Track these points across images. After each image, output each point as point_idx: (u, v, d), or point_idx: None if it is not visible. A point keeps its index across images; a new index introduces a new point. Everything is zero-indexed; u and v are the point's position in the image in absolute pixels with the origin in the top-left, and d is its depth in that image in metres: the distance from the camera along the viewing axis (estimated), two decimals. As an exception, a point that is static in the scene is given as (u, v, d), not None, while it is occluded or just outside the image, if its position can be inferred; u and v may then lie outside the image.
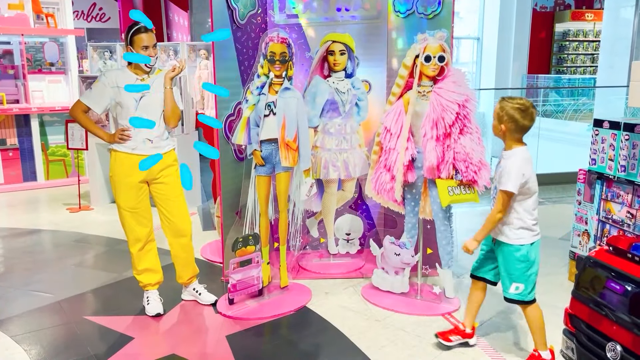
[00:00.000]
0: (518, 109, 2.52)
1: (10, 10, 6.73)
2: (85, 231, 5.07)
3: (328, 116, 3.80)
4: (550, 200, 6.24)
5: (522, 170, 2.50)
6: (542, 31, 12.70)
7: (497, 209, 2.58)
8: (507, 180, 2.50)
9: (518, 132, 2.56)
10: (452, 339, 2.91)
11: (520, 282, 2.62)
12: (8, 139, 6.63)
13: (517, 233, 2.60)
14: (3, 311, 3.37)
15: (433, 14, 3.68)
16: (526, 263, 2.60)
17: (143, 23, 3.04)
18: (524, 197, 2.58)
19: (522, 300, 2.66)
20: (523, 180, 2.51)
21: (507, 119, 2.54)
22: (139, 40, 3.05)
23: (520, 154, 2.55)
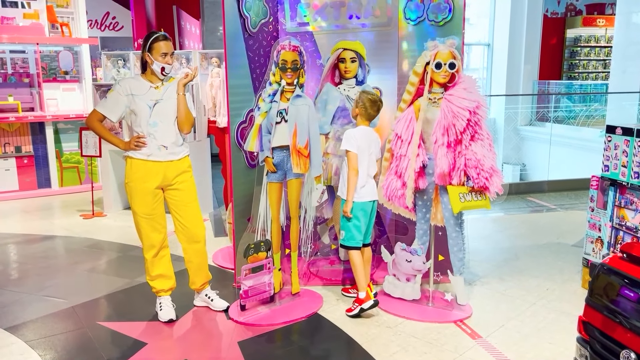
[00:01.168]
0: (370, 100, 3.31)
1: (25, 20, 6.84)
2: (98, 237, 5.12)
3: (339, 123, 3.81)
4: (563, 207, 6.19)
5: (356, 137, 3.28)
6: (553, 37, 12.64)
7: (349, 167, 3.29)
8: (344, 142, 3.29)
9: (365, 117, 3.35)
10: (352, 308, 3.36)
11: (343, 230, 3.37)
12: (23, 147, 6.73)
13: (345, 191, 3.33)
14: (18, 316, 3.41)
15: (444, 21, 3.69)
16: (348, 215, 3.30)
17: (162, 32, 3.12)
18: None
19: (344, 245, 3.40)
20: (355, 144, 3.26)
21: (360, 105, 3.32)
22: (158, 47, 3.10)
23: (361, 129, 3.35)
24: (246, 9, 3.55)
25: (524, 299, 3.62)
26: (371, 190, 3.38)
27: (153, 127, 3.15)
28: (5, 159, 6.62)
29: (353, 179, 3.27)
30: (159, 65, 3.12)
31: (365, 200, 3.34)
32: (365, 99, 3.32)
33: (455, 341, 3.05)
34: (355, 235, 3.35)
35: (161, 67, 3.13)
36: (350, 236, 3.35)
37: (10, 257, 4.67)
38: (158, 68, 3.13)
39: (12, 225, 5.54)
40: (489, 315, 3.37)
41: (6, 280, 4.07)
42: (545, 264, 4.27)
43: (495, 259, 4.42)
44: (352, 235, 3.35)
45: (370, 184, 3.37)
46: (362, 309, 3.29)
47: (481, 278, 3.98)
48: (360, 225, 3.34)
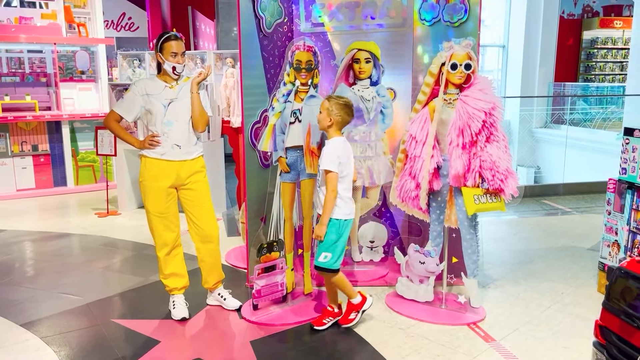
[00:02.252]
0: (346, 105, 3.03)
1: (43, 20, 6.93)
2: (112, 235, 5.16)
3: (353, 123, 3.80)
4: (579, 210, 6.12)
5: (337, 153, 2.99)
6: (569, 38, 12.51)
7: (329, 188, 3.00)
8: (326, 161, 2.98)
9: (341, 126, 3.08)
10: (325, 322, 3.21)
11: (329, 252, 3.05)
12: (40, 145, 6.81)
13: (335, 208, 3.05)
14: (34, 313, 3.45)
15: (459, 22, 3.67)
16: (337, 234, 3.05)
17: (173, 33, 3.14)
18: (340, 178, 3.02)
19: (328, 268, 3.07)
20: (337, 162, 2.98)
21: (335, 114, 3.00)
22: (168, 47, 3.12)
23: (338, 142, 3.05)
24: (261, 9, 3.56)
25: (539, 302, 3.58)
26: (354, 207, 3.17)
27: (167, 127, 3.17)
28: (22, 157, 6.71)
29: (331, 202, 3.00)
30: (170, 65, 3.15)
31: (352, 218, 3.14)
32: (337, 106, 3.00)
33: (468, 344, 3.03)
34: (341, 256, 3.10)
35: (172, 67, 3.15)
36: (337, 256, 3.08)
37: (27, 254, 4.72)
38: (169, 67, 3.15)
39: (29, 223, 5.61)
40: (503, 319, 3.34)
41: (22, 277, 4.12)
42: (560, 268, 4.23)
43: (509, 262, 4.38)
44: (339, 257, 3.09)
45: (352, 199, 3.14)
46: (363, 311, 3.22)
47: (495, 281, 3.95)
48: (344, 245, 3.12)
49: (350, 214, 3.10)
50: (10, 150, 6.63)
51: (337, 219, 3.06)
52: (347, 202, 3.09)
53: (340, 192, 3.03)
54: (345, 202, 3.07)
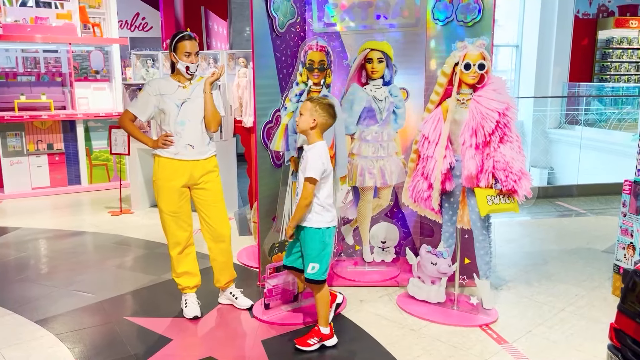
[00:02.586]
0: (324, 106, 2.82)
1: (58, 20, 7.01)
2: (125, 234, 5.20)
3: (365, 124, 3.80)
4: (593, 212, 6.06)
5: (322, 160, 2.80)
6: (584, 38, 12.38)
7: (303, 196, 2.82)
8: (311, 168, 2.78)
9: (325, 127, 2.86)
10: (311, 343, 2.97)
11: (316, 262, 2.86)
12: (55, 144, 6.89)
13: (313, 216, 2.86)
14: (48, 310, 3.49)
15: (473, 22, 3.65)
16: (322, 243, 2.87)
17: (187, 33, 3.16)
18: (323, 185, 2.85)
19: (317, 280, 2.88)
20: (323, 169, 2.79)
21: (319, 115, 2.81)
22: (182, 47, 3.14)
23: (321, 147, 2.85)
24: (274, 9, 3.57)
25: (552, 304, 3.55)
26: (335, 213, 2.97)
27: (180, 126, 3.19)
28: (37, 155, 6.79)
29: (303, 210, 2.82)
30: (183, 65, 3.16)
31: (335, 225, 2.97)
32: (321, 107, 2.81)
33: (480, 346, 3.01)
34: (327, 266, 2.93)
35: (185, 67, 3.17)
36: (325, 267, 2.90)
37: (41, 251, 4.78)
38: (182, 67, 3.17)
39: (44, 221, 5.68)
40: (516, 321, 3.32)
41: (37, 274, 4.17)
42: (574, 270, 4.18)
43: (522, 263, 4.35)
44: (326, 265, 2.91)
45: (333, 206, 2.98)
46: (323, 345, 2.97)
47: (508, 282, 3.92)
48: (330, 254, 2.96)
49: (332, 222, 2.92)
50: (26, 149, 6.71)
51: (318, 228, 2.87)
52: (329, 210, 2.90)
53: (322, 199, 2.86)
54: (327, 210, 2.89)
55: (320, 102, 2.83)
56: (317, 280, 2.90)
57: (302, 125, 2.86)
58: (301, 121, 2.85)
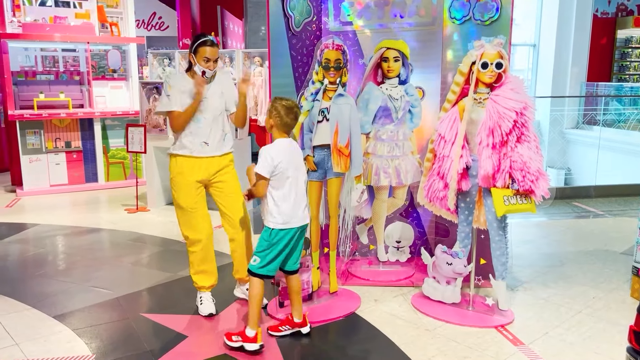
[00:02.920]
0: (284, 107, 2.85)
1: (77, 19, 7.09)
2: (141, 231, 5.25)
3: (380, 123, 3.79)
4: (611, 213, 5.98)
5: (272, 157, 2.81)
6: (603, 37, 12.21)
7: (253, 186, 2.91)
8: (258, 165, 2.83)
9: (282, 128, 2.89)
10: (282, 329, 3.08)
11: (258, 256, 2.92)
12: (73, 142, 6.98)
13: (267, 216, 2.92)
14: (66, 305, 3.54)
15: (490, 20, 3.62)
16: (267, 242, 2.90)
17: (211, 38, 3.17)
18: (275, 187, 2.88)
19: (253, 272, 2.93)
20: (270, 167, 2.82)
21: (275, 114, 2.87)
22: (202, 52, 3.15)
23: (278, 144, 2.88)
24: (290, 8, 3.57)
25: (569, 306, 3.51)
26: (301, 215, 2.95)
27: (196, 124, 3.21)
28: (56, 153, 6.88)
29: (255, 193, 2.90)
30: (200, 69, 3.18)
31: (293, 227, 2.92)
32: (279, 106, 2.86)
33: (496, 347, 2.98)
34: (270, 266, 2.92)
35: (202, 71, 3.19)
36: (264, 264, 2.91)
37: (59, 248, 4.84)
38: (199, 71, 3.19)
39: (62, 218, 5.75)
40: (532, 322, 3.28)
41: (55, 270, 4.22)
42: (592, 272, 4.13)
43: (538, 264, 4.30)
44: (266, 263, 2.91)
45: (300, 207, 2.94)
46: (242, 347, 2.90)
47: (524, 284, 3.88)
48: (280, 254, 2.94)
49: (285, 224, 2.87)
50: (45, 146, 6.81)
51: (268, 228, 2.90)
52: (282, 212, 2.86)
53: (275, 199, 2.86)
54: (280, 212, 2.86)
55: (280, 103, 2.88)
56: (254, 273, 2.93)
57: (265, 123, 2.98)
58: (265, 120, 2.97)
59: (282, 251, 2.94)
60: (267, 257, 2.92)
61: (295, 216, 2.92)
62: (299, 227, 2.97)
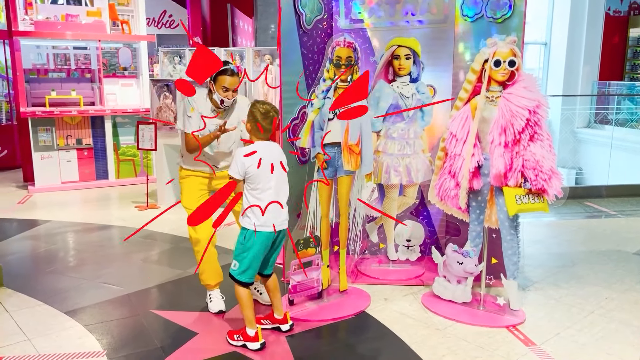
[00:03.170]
0: (260, 112, 2.85)
1: (88, 17, 7.13)
2: (152, 228, 5.25)
3: (391, 121, 3.78)
4: (624, 213, 5.91)
5: (244, 159, 2.81)
6: (615, 36, 12.09)
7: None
8: (231, 167, 2.86)
9: (259, 131, 2.88)
10: (263, 322, 3.13)
11: (236, 260, 2.92)
12: (84, 139, 7.01)
13: (243, 218, 2.90)
14: (77, 301, 3.56)
15: (502, 18, 3.59)
16: (243, 245, 2.90)
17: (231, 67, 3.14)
18: (251, 188, 2.87)
19: (234, 277, 2.94)
20: (242, 170, 2.82)
21: (251, 119, 2.88)
22: (221, 81, 3.12)
23: (252, 148, 2.87)
24: (301, 5, 3.57)
25: (581, 307, 3.48)
26: (281, 219, 2.92)
27: (212, 150, 3.26)
28: (67, 150, 6.93)
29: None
30: (219, 98, 3.17)
31: (268, 230, 2.87)
32: (255, 111, 2.85)
33: (507, 347, 2.96)
34: (250, 270, 2.91)
35: (221, 100, 3.17)
36: (244, 270, 2.90)
37: (70, 244, 4.88)
38: (217, 99, 3.18)
39: (73, 214, 5.79)
40: (543, 322, 3.26)
41: (66, 266, 4.25)
42: (604, 272, 4.09)
43: (550, 264, 4.27)
44: (246, 268, 2.90)
45: (277, 210, 2.89)
46: (244, 346, 2.94)
47: (535, 284, 3.85)
48: (260, 258, 2.93)
49: (262, 227, 2.84)
50: (56, 143, 6.85)
51: (244, 229, 2.90)
52: (258, 214, 2.83)
53: (250, 200, 2.85)
54: (255, 213, 2.84)
55: (256, 107, 2.87)
56: (235, 279, 2.93)
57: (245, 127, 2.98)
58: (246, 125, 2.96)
59: (258, 255, 2.91)
60: (244, 260, 2.90)
61: (272, 219, 2.87)
62: (278, 232, 2.92)
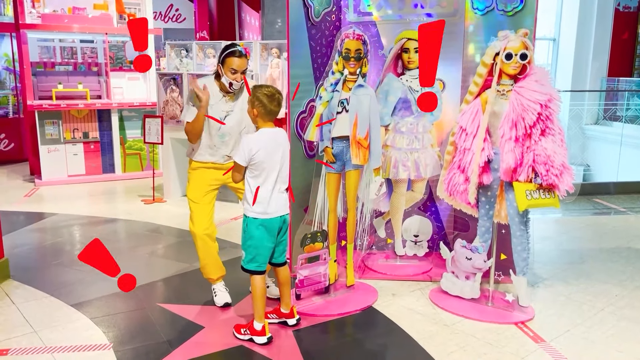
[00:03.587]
0: (266, 95, 2.81)
1: (95, 10, 7.11)
2: (158, 222, 5.26)
3: (400, 115, 3.74)
4: (633, 210, 5.86)
5: (251, 147, 2.77)
6: (624, 32, 11.97)
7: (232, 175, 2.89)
8: (236, 152, 2.85)
9: (266, 116, 2.84)
10: (270, 317, 3.10)
11: (242, 250, 2.93)
12: (90, 133, 7.01)
13: (245, 205, 2.89)
14: (83, 294, 3.55)
15: (514, 11, 3.55)
16: (246, 233, 2.90)
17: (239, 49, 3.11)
18: (254, 175, 2.84)
19: (244, 268, 2.93)
20: (249, 156, 2.78)
21: (258, 104, 2.82)
22: (229, 62, 3.10)
23: (260, 133, 2.85)
24: (310, -2, 3.53)
25: (591, 304, 3.44)
26: (281, 204, 2.92)
27: (221, 139, 3.21)
28: (74, 144, 6.92)
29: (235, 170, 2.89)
30: (227, 80, 3.13)
31: (273, 217, 2.88)
32: (261, 95, 2.82)
33: (516, 343, 2.93)
34: (258, 258, 2.90)
35: (229, 83, 3.14)
36: (252, 259, 2.90)
37: (76, 237, 4.87)
38: (226, 82, 3.15)
39: (79, 208, 5.79)
40: (553, 319, 3.23)
41: (72, 259, 4.24)
42: (614, 269, 4.05)
43: (559, 261, 4.23)
44: (254, 257, 2.90)
45: (280, 197, 2.91)
46: (251, 339, 2.92)
47: (544, 280, 3.82)
48: (265, 245, 2.91)
49: (262, 214, 2.84)
50: (63, 137, 6.85)
51: (246, 217, 2.90)
52: (260, 201, 2.83)
53: (253, 188, 2.83)
54: (258, 200, 2.83)
55: (261, 91, 2.83)
56: (245, 269, 2.94)
57: (250, 117, 2.94)
58: (248, 112, 2.92)
59: (263, 242, 2.89)
60: (250, 248, 2.89)
61: (273, 205, 2.88)
62: (280, 217, 2.92)
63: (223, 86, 3.18)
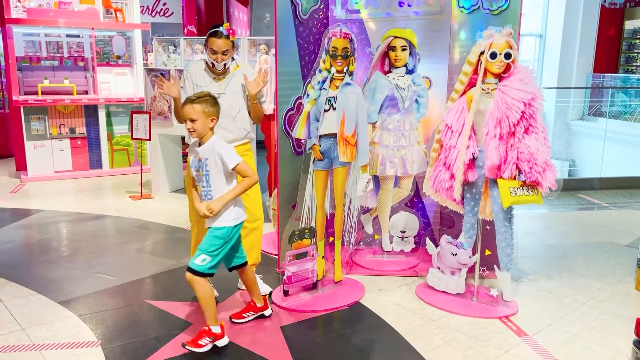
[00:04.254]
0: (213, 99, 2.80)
1: (81, 5, 7.04)
2: (146, 218, 5.26)
3: (387, 112, 3.78)
4: (616, 206, 5.96)
5: None
6: (610, 28, 12.10)
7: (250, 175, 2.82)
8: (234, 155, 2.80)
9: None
10: (246, 315, 3.12)
11: (209, 256, 2.78)
12: (77, 128, 6.97)
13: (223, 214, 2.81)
14: (71, 291, 3.55)
15: (499, 10, 3.58)
16: (223, 240, 2.81)
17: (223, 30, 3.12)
18: (232, 182, 2.85)
19: (200, 273, 2.76)
20: None
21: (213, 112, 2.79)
22: (210, 42, 3.13)
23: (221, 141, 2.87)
24: (298, -5, 3.54)
25: (573, 298, 3.51)
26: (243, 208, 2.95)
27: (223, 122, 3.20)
28: (60, 139, 6.88)
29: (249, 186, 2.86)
30: (209, 60, 3.16)
31: (242, 221, 2.91)
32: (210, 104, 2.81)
33: (500, 337, 2.99)
34: (218, 263, 2.84)
35: (211, 62, 3.16)
36: (214, 263, 2.80)
37: (64, 234, 4.86)
38: (209, 62, 3.17)
39: (66, 204, 5.76)
40: (536, 313, 3.29)
41: (59, 256, 4.24)
42: (596, 264, 4.13)
43: (543, 256, 4.30)
44: (216, 263, 2.81)
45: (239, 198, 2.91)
46: (215, 346, 2.82)
47: (528, 275, 3.88)
48: (228, 250, 2.89)
49: (237, 219, 2.86)
50: (49, 132, 6.80)
51: (223, 227, 2.81)
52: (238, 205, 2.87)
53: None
54: (236, 205, 2.86)
55: (205, 100, 2.76)
56: (201, 273, 2.77)
57: (202, 130, 2.77)
58: (200, 126, 2.75)
59: (230, 247, 2.89)
60: (219, 255, 2.81)
61: (241, 210, 2.91)
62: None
63: (211, 67, 3.20)
